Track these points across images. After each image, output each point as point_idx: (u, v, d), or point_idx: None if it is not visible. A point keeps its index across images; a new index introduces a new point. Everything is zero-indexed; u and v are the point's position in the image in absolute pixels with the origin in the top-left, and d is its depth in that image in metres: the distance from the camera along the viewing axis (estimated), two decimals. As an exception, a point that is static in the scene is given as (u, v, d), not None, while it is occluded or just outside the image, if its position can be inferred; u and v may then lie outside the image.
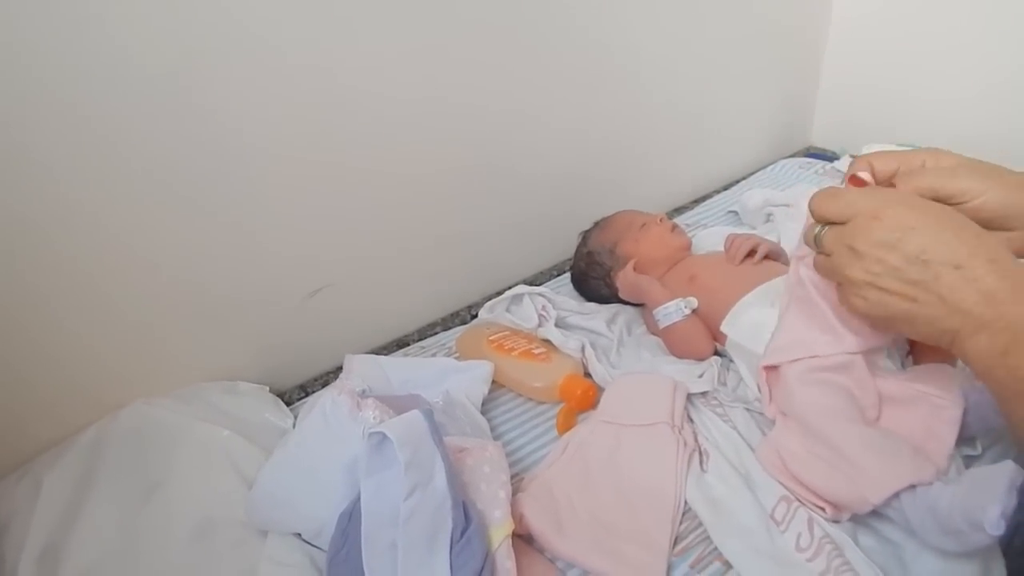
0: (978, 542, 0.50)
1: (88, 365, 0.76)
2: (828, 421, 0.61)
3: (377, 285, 0.96)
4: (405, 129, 0.89)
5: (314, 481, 0.60)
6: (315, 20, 0.76)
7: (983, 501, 0.48)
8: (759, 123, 1.52)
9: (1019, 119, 1.30)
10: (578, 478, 0.68)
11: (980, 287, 0.47)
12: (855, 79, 1.53)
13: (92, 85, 0.65)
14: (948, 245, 0.49)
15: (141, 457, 0.70)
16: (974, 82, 1.35)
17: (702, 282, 0.87)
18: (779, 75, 1.50)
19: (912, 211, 0.51)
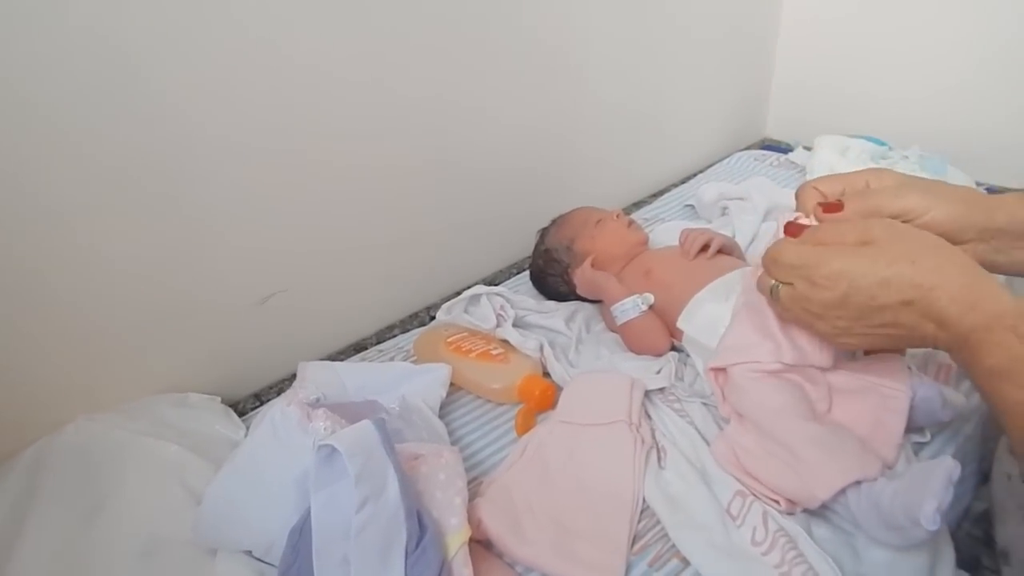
0: (918, 537, 0.51)
1: (27, 381, 0.73)
2: (778, 418, 0.61)
3: (331, 288, 0.95)
4: (356, 126, 0.87)
5: (263, 496, 0.58)
6: (265, 16, 0.74)
7: (920, 497, 0.49)
8: (715, 116, 1.54)
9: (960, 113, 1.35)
10: (537, 480, 0.68)
11: (933, 315, 0.49)
12: (808, 73, 1.56)
13: (31, 85, 0.62)
14: (892, 284, 0.50)
15: (84, 476, 0.67)
16: (920, 76, 1.39)
17: (658, 277, 0.87)
18: (734, 69, 1.52)
19: (845, 261, 0.52)
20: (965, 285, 0.49)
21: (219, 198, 0.79)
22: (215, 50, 0.72)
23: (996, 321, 0.47)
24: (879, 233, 0.52)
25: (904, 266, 0.50)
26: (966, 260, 0.51)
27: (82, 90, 0.65)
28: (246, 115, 0.77)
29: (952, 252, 0.51)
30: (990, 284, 0.49)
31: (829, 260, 0.52)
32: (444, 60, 0.93)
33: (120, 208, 0.72)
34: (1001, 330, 0.46)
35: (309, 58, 0.80)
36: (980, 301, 0.48)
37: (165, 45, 0.69)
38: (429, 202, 1.01)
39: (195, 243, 0.79)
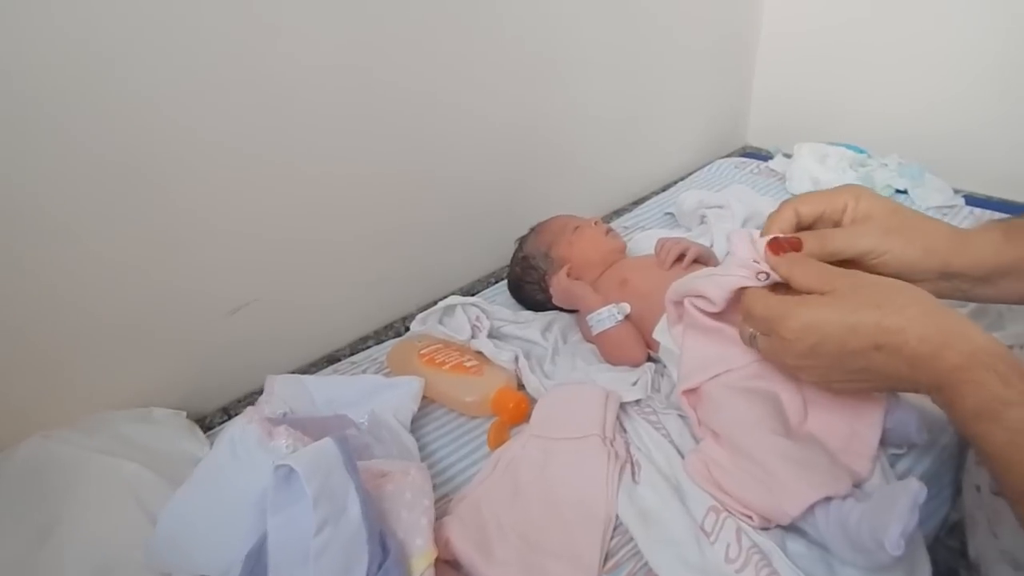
0: (884, 560, 0.50)
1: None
2: (751, 433, 0.60)
3: (304, 299, 0.93)
4: (327, 133, 0.85)
5: (220, 518, 0.56)
6: (234, 18, 0.72)
7: (886, 520, 0.48)
8: (696, 124, 1.53)
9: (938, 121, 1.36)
10: (507, 496, 0.66)
11: (905, 357, 0.49)
12: (788, 81, 1.57)
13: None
14: (859, 330, 0.50)
15: (36, 496, 0.64)
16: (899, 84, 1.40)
17: (633, 286, 0.86)
18: (715, 77, 1.52)
19: (811, 312, 0.52)
20: (933, 325, 0.48)
21: (186, 206, 0.77)
22: (189, 60, 0.70)
23: (971, 360, 0.46)
24: (840, 283, 0.53)
25: (869, 311, 0.50)
26: (932, 301, 0.50)
27: (41, 90, 0.63)
28: (210, 121, 0.75)
29: (916, 294, 0.51)
30: (960, 323, 0.48)
31: (795, 313, 0.53)
32: (421, 65, 0.92)
33: (81, 217, 0.70)
34: (978, 369, 0.45)
35: (278, 65, 0.78)
36: (951, 341, 0.47)
37: (132, 51, 0.67)
38: (405, 210, 0.99)
39: (161, 252, 0.77)
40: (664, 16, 1.29)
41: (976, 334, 0.47)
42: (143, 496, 0.64)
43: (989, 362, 0.45)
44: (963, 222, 1.16)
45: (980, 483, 0.58)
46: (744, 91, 1.63)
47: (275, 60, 0.77)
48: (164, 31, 0.68)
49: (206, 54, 0.72)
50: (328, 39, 0.81)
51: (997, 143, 1.31)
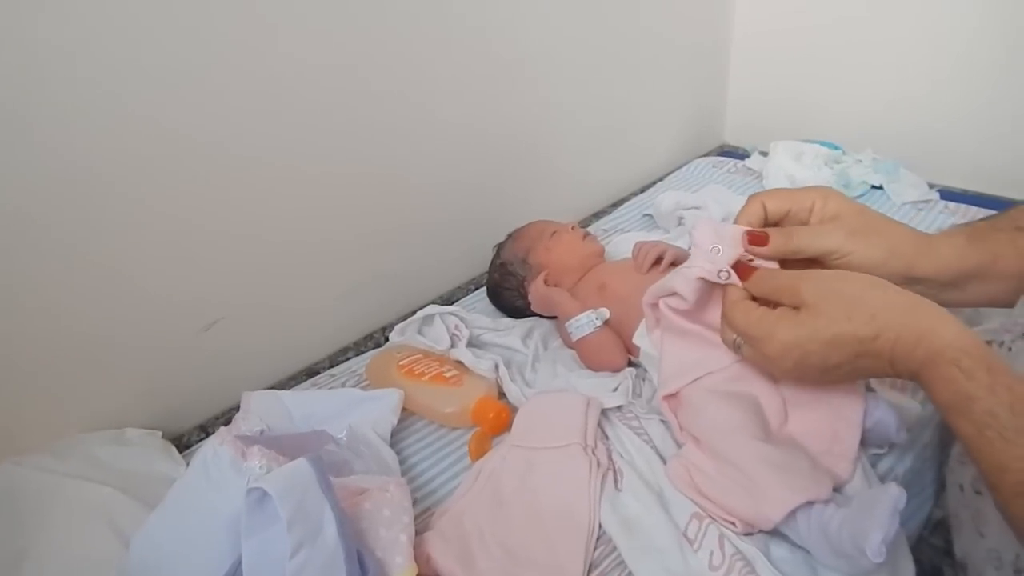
0: (866, 566, 0.50)
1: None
2: (731, 437, 0.60)
3: (279, 312, 0.91)
4: (299, 138, 0.84)
5: (194, 542, 0.54)
6: (198, 18, 0.71)
7: (867, 526, 0.48)
8: (673, 124, 1.54)
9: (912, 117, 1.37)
10: (489, 508, 0.65)
11: (885, 359, 0.50)
12: (763, 80, 1.57)
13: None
14: (837, 344, 0.52)
15: (8, 525, 0.62)
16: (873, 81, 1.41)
17: (612, 291, 0.86)
18: (691, 77, 1.52)
19: (788, 333, 0.53)
20: (903, 325, 0.49)
21: (156, 220, 0.75)
22: (155, 67, 0.69)
23: (938, 356, 0.47)
24: (808, 295, 0.53)
25: (842, 325, 0.51)
26: (900, 298, 0.51)
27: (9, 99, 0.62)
28: (180, 132, 0.73)
29: (881, 296, 0.52)
30: (930, 319, 0.49)
31: (773, 333, 0.54)
32: (395, 70, 0.90)
33: (47, 230, 0.68)
34: (944, 365, 0.47)
35: (249, 70, 0.76)
36: (922, 338, 0.48)
37: (109, 60, 0.66)
38: (381, 217, 0.98)
39: (130, 266, 0.75)
40: (639, 17, 1.29)
41: (944, 329, 0.48)
42: (117, 520, 0.63)
43: (954, 357, 0.46)
44: (938, 216, 1.17)
45: (963, 482, 0.59)
46: (720, 90, 1.63)
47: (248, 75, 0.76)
48: (138, 40, 0.67)
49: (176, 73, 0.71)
50: (301, 49, 0.80)
51: (971, 137, 1.32)
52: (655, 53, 1.38)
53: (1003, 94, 1.26)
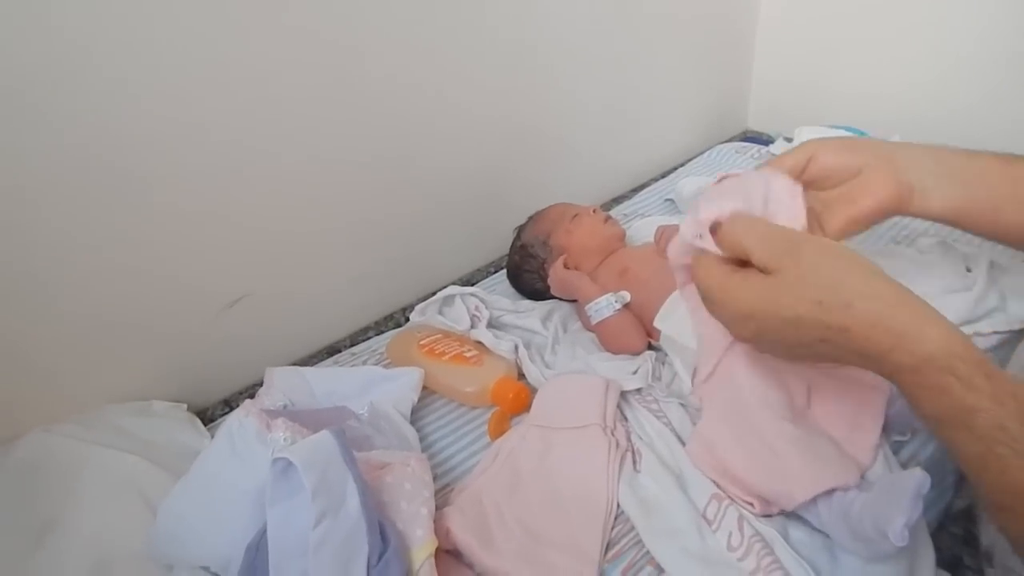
0: (886, 550, 0.50)
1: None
2: (761, 414, 0.60)
3: (301, 291, 0.92)
4: (320, 120, 0.84)
5: (220, 510, 0.56)
6: (212, 6, 0.70)
7: (889, 511, 0.48)
8: (695, 109, 1.52)
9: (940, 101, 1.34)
10: (507, 486, 0.66)
11: (853, 352, 0.45)
12: (788, 63, 1.54)
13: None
14: (800, 324, 0.46)
15: (38, 490, 0.64)
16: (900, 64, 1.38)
17: (634, 275, 0.85)
18: (714, 60, 1.50)
19: (748, 302, 0.49)
20: (881, 325, 0.43)
21: (182, 201, 0.76)
22: (167, 50, 0.69)
23: (926, 364, 0.41)
24: (786, 266, 0.47)
25: (809, 307, 0.45)
26: (883, 289, 0.45)
27: (32, 86, 0.63)
28: (202, 114, 0.74)
29: (867, 281, 0.45)
30: (914, 319, 0.43)
31: (733, 299, 0.49)
32: (414, 51, 0.90)
33: (78, 213, 0.70)
34: (934, 374, 0.41)
35: (266, 50, 0.76)
36: (902, 343, 0.42)
37: (118, 45, 0.66)
38: (403, 200, 0.98)
39: (158, 246, 0.76)
40: (661, 4, 1.27)
41: (932, 331, 0.42)
42: (144, 489, 0.65)
43: (947, 365, 0.41)
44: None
45: None
46: (744, 75, 1.61)
47: (265, 54, 0.76)
48: (147, 38, 0.67)
49: (193, 51, 0.71)
50: (313, 33, 0.79)
51: (999, 121, 1.29)
52: (677, 37, 1.36)
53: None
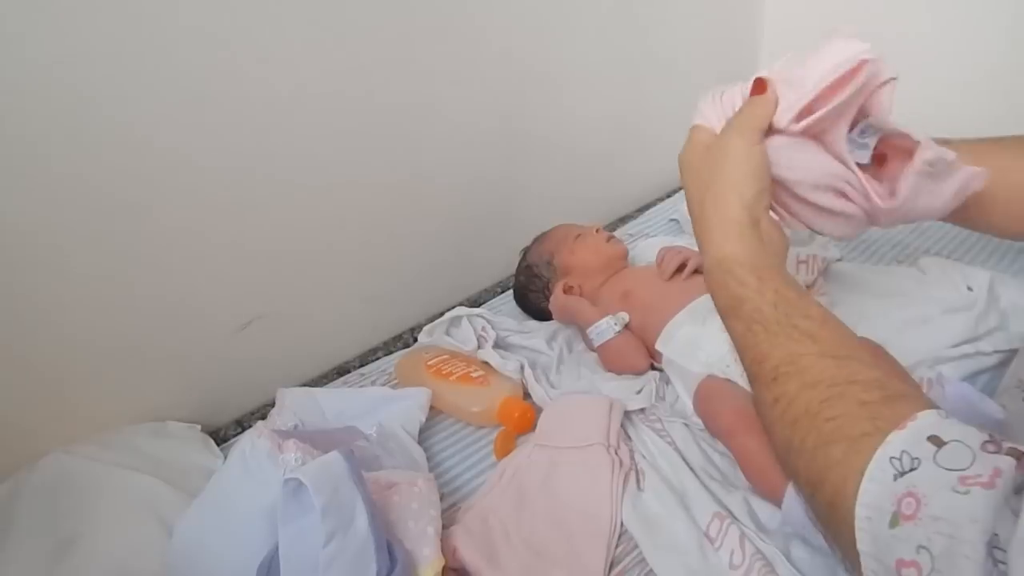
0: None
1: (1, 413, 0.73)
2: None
3: (312, 313, 0.94)
4: (329, 144, 0.86)
5: (234, 530, 0.57)
6: (228, 33, 0.73)
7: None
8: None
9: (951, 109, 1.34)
10: (513, 505, 0.67)
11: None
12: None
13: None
14: (688, 189, 0.60)
15: (57, 512, 0.66)
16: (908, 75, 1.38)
17: (636, 298, 0.87)
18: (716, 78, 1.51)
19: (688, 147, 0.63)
20: (701, 230, 0.55)
21: (192, 224, 0.78)
22: (181, 73, 0.71)
23: (714, 266, 0.53)
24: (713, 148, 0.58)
25: (693, 190, 0.58)
26: (721, 201, 0.54)
27: (45, 112, 0.65)
28: (215, 136, 0.76)
29: (718, 193, 0.54)
30: (717, 231, 0.53)
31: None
32: (419, 74, 0.92)
33: (93, 235, 0.72)
34: (719, 273, 0.52)
35: (280, 76, 0.78)
36: (704, 246, 0.55)
37: (126, 72, 0.68)
38: (409, 223, 1.00)
39: (171, 272, 0.79)
40: (663, 19, 1.29)
41: (724, 243, 0.53)
42: (160, 509, 0.66)
43: (727, 267, 0.52)
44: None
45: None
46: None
47: (269, 76, 0.78)
48: (159, 61, 0.69)
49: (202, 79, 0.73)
50: (322, 55, 0.81)
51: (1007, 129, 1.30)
52: (680, 55, 1.37)
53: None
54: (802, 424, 0.43)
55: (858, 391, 0.42)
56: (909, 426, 0.38)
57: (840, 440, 0.40)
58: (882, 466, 0.37)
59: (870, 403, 0.41)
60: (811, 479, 0.42)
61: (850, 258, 1.01)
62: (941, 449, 0.36)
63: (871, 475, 0.38)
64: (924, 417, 0.38)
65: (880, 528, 0.37)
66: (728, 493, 0.66)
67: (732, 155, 0.55)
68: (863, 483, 0.38)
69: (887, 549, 0.36)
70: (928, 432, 0.37)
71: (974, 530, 0.33)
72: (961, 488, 0.34)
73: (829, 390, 0.43)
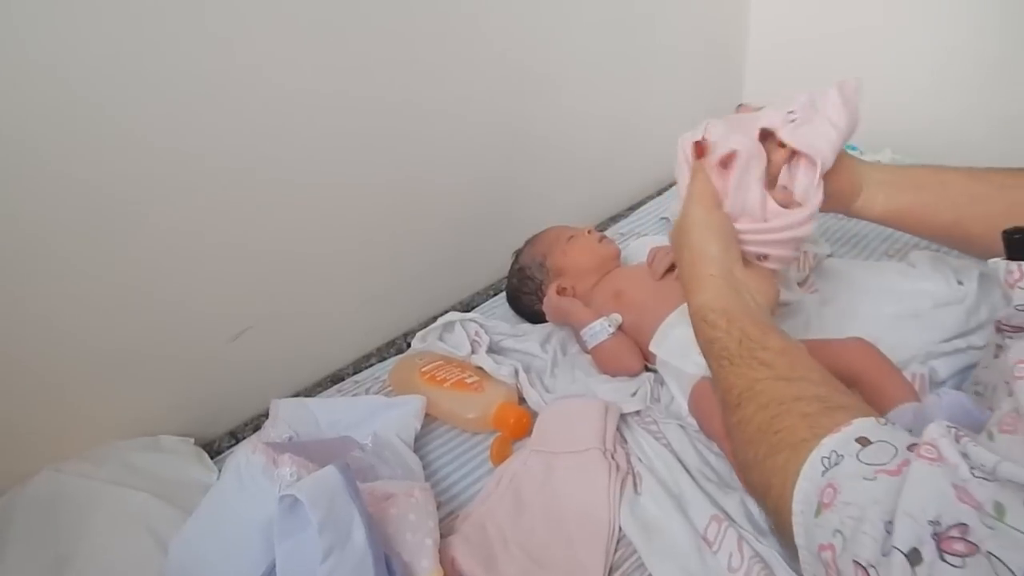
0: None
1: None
2: None
3: (303, 320, 0.93)
4: (318, 148, 0.85)
5: (230, 546, 0.57)
6: (217, 34, 0.72)
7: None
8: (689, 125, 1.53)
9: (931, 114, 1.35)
10: (510, 512, 0.67)
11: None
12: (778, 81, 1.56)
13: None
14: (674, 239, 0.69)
15: (51, 530, 0.65)
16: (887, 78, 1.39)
17: (628, 298, 0.87)
18: (705, 77, 1.52)
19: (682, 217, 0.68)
20: (683, 283, 0.64)
21: (181, 232, 0.77)
22: (170, 77, 0.70)
23: (694, 313, 0.61)
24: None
25: (677, 253, 0.67)
26: (695, 260, 0.62)
27: (37, 119, 0.64)
28: (202, 142, 0.75)
29: (692, 254, 0.63)
30: (697, 280, 0.61)
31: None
32: (409, 80, 0.91)
33: (78, 247, 0.71)
34: (696, 319, 0.60)
35: (268, 78, 0.77)
36: (688, 297, 0.62)
37: (119, 76, 0.67)
38: (400, 225, 0.99)
39: (158, 279, 0.77)
40: (652, 19, 1.29)
41: (699, 292, 0.61)
42: (154, 526, 0.66)
43: (702, 314, 0.59)
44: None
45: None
46: (735, 92, 1.63)
47: (267, 83, 0.77)
48: (149, 66, 0.69)
49: (197, 82, 0.72)
50: (317, 55, 0.81)
51: (988, 135, 1.31)
52: (670, 54, 1.38)
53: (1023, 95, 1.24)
54: (755, 440, 0.49)
55: (802, 406, 0.47)
56: (842, 430, 0.43)
57: (784, 449, 0.45)
58: (814, 465, 0.42)
59: (811, 414, 0.46)
60: (761, 487, 0.48)
61: (840, 253, 1.02)
62: (866, 448, 0.41)
63: (805, 474, 0.42)
64: (859, 423, 0.43)
65: (808, 519, 0.42)
66: (725, 495, 0.66)
67: (695, 223, 0.64)
68: (798, 482, 0.43)
69: (812, 537, 0.41)
70: (858, 435, 0.42)
71: (875, 511, 0.37)
72: (871, 476, 0.39)
73: (778, 407, 0.48)
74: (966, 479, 0.36)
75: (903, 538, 0.35)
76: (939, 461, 0.37)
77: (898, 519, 0.36)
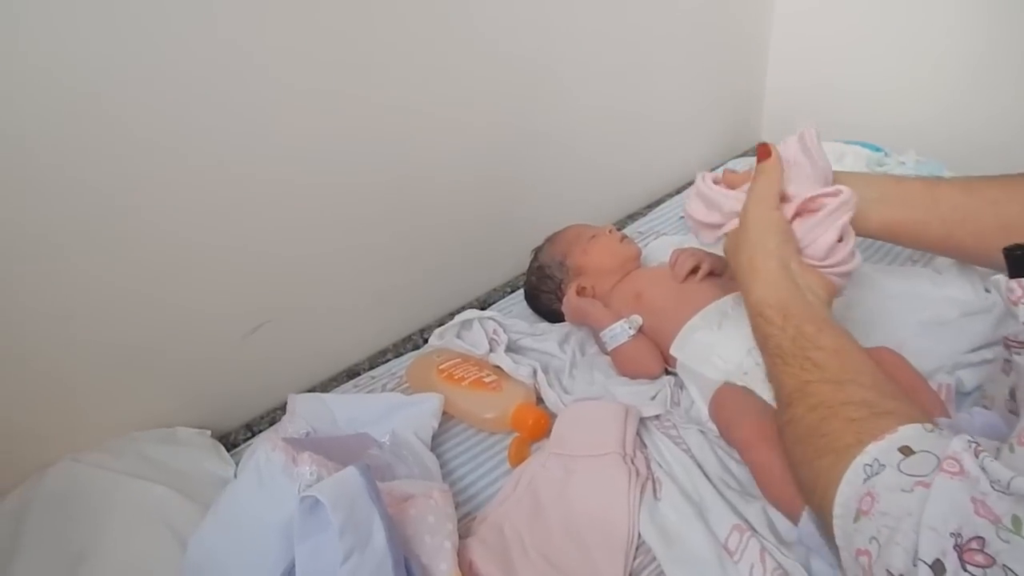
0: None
1: (10, 421, 0.72)
2: None
3: (320, 315, 0.93)
4: (334, 144, 0.84)
5: (249, 544, 0.57)
6: (209, 32, 0.71)
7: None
8: (708, 122, 1.52)
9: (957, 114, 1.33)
10: (528, 515, 0.67)
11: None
12: (802, 78, 1.54)
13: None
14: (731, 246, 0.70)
15: (68, 521, 0.66)
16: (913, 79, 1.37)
17: (649, 300, 0.85)
18: (726, 74, 1.50)
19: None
20: (740, 281, 0.65)
21: (201, 230, 0.77)
22: (176, 73, 0.70)
23: (750, 308, 0.63)
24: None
25: (732, 256, 0.68)
26: (752, 256, 0.64)
27: (45, 118, 0.64)
28: (217, 138, 0.74)
29: (749, 249, 0.64)
30: (753, 277, 0.63)
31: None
32: (425, 71, 0.90)
33: (99, 243, 0.71)
34: (753, 315, 0.62)
35: (277, 77, 0.77)
36: (746, 294, 0.64)
37: (123, 72, 0.66)
38: (417, 222, 0.99)
39: (180, 279, 0.78)
40: (671, 15, 1.27)
41: (758, 287, 0.62)
42: (171, 519, 0.66)
43: (759, 310, 0.61)
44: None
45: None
46: (757, 89, 1.61)
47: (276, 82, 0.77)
48: (154, 62, 0.68)
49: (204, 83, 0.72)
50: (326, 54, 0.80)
51: (1015, 138, 1.28)
52: (690, 50, 1.36)
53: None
54: (804, 440, 0.51)
55: (850, 411, 0.49)
56: (887, 438, 0.44)
57: (829, 453, 0.47)
58: (856, 472, 0.44)
59: (858, 420, 0.47)
60: (808, 486, 0.50)
61: (865, 256, 1.00)
62: (908, 458, 0.42)
63: (847, 479, 0.44)
64: (904, 430, 0.44)
65: (847, 523, 0.44)
66: (747, 503, 0.65)
67: (755, 221, 0.65)
68: (840, 486, 0.44)
69: (851, 540, 0.43)
70: (901, 443, 0.43)
71: (909, 522, 0.39)
72: (908, 488, 0.40)
73: (827, 411, 0.50)
74: (986, 492, 0.37)
75: (927, 550, 0.37)
76: (961, 475, 0.39)
77: (922, 531, 0.37)
